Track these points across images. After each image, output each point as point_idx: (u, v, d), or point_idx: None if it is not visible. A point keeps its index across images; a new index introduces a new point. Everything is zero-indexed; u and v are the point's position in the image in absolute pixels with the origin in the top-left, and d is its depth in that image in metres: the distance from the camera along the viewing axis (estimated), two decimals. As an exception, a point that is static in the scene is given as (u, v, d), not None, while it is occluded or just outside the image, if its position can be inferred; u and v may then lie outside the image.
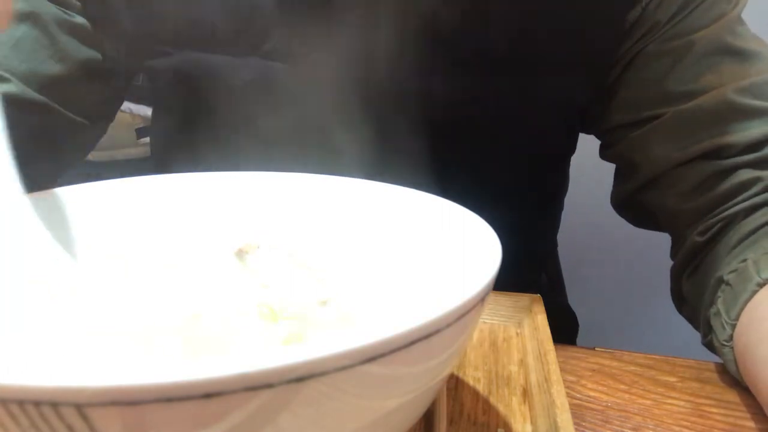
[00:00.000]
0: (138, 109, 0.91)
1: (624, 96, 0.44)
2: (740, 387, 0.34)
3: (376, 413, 0.17)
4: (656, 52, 0.42)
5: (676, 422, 0.31)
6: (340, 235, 0.34)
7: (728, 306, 0.35)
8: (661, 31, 0.41)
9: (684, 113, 0.41)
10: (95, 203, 0.33)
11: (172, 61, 0.46)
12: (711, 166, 0.40)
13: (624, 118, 0.44)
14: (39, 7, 0.45)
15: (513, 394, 0.32)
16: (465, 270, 0.25)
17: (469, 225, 0.27)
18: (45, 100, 0.45)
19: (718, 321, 0.36)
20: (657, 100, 0.42)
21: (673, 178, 0.42)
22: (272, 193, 0.35)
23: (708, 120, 0.40)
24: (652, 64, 0.42)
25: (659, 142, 0.42)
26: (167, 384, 0.12)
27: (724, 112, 0.40)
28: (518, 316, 0.39)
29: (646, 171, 0.44)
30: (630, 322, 1.22)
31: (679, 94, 0.41)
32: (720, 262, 0.38)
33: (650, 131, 0.42)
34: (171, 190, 0.34)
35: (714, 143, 0.40)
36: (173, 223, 0.34)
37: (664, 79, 0.42)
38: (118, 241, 0.32)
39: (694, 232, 0.41)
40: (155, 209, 0.34)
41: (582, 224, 0.99)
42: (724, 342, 0.35)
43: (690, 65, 0.41)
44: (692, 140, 0.40)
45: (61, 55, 0.45)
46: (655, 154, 0.42)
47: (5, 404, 0.12)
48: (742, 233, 0.38)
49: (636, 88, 0.43)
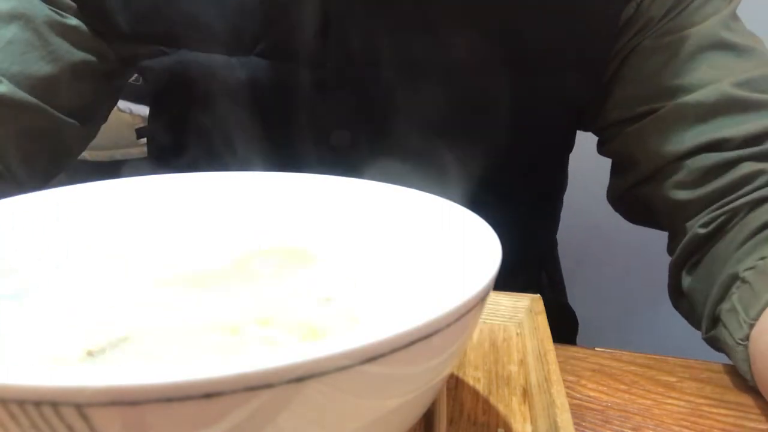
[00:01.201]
0: (138, 109, 0.91)
1: (620, 92, 0.44)
2: (740, 387, 0.34)
3: (376, 413, 0.17)
4: (651, 47, 0.42)
5: (676, 422, 0.31)
6: (340, 234, 0.34)
7: (747, 304, 0.34)
8: (655, 27, 0.42)
9: (682, 107, 0.41)
10: (95, 203, 0.33)
11: (167, 60, 0.46)
12: (712, 159, 0.40)
13: (620, 114, 0.45)
14: (31, 8, 0.45)
15: (513, 394, 0.32)
16: (465, 270, 0.25)
17: (469, 225, 0.27)
18: (35, 101, 0.45)
19: (734, 319, 0.35)
20: (653, 94, 0.42)
21: (673, 170, 0.42)
22: (272, 193, 0.35)
23: (707, 113, 0.40)
24: (647, 59, 0.42)
25: (657, 135, 0.42)
26: (167, 384, 0.12)
27: (723, 106, 0.40)
28: (518, 316, 0.39)
29: (645, 165, 0.44)
30: (630, 322, 1.22)
31: (675, 88, 0.41)
32: (729, 257, 0.38)
33: (647, 125, 0.43)
34: (171, 190, 0.34)
35: (714, 136, 0.40)
36: (173, 223, 0.34)
37: (660, 74, 0.42)
38: (118, 241, 0.32)
39: (696, 225, 0.41)
40: (155, 209, 0.34)
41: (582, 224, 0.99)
42: (739, 340, 0.34)
43: (685, 60, 0.41)
44: (692, 133, 0.40)
45: (53, 56, 0.46)
46: (654, 148, 0.42)
47: (5, 404, 0.12)
48: (751, 227, 0.37)
49: (632, 84, 0.43)
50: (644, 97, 0.43)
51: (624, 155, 0.46)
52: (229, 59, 0.44)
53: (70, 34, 0.47)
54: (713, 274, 0.39)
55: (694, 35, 0.41)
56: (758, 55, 0.41)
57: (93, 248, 0.32)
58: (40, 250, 0.29)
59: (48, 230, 0.30)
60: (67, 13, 0.47)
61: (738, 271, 0.36)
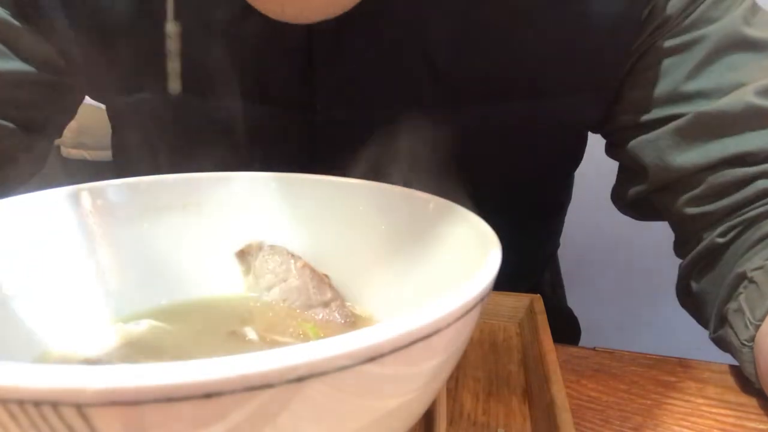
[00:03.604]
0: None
1: (634, 94, 0.42)
2: (740, 387, 0.34)
3: (376, 413, 0.17)
4: (668, 47, 0.40)
5: (676, 422, 0.31)
6: (340, 235, 0.34)
7: (753, 305, 0.34)
8: (672, 25, 0.39)
9: (704, 117, 0.39)
10: (95, 203, 0.32)
11: (129, 100, 0.45)
12: (735, 172, 0.38)
13: (634, 118, 0.42)
14: None
15: (513, 394, 0.32)
16: (465, 270, 0.25)
17: (469, 225, 0.27)
18: None
19: (740, 319, 0.35)
20: (669, 99, 0.40)
21: (690, 183, 0.40)
22: (272, 193, 0.35)
23: (729, 124, 0.38)
24: (663, 60, 0.40)
25: (676, 146, 0.40)
26: (167, 384, 0.12)
27: (746, 117, 0.38)
28: (518, 316, 0.39)
29: (661, 175, 0.42)
30: (630, 322, 1.23)
31: (693, 93, 0.39)
32: (739, 258, 0.37)
33: (666, 134, 0.41)
34: (171, 190, 0.34)
35: (738, 150, 0.38)
36: (174, 224, 0.34)
37: (676, 78, 0.40)
38: (118, 241, 0.32)
39: (714, 234, 0.40)
40: (155, 209, 0.34)
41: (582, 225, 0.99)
42: (744, 342, 0.34)
43: (705, 61, 0.39)
44: (714, 146, 0.39)
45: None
46: (672, 159, 0.40)
47: (5, 404, 0.12)
48: (763, 231, 0.37)
49: (646, 86, 0.41)
50: (661, 101, 0.41)
51: (637, 162, 0.44)
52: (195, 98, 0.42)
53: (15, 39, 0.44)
54: (722, 274, 0.38)
55: (713, 33, 0.38)
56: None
57: (92, 248, 0.32)
58: (38, 250, 0.29)
59: (48, 230, 0.30)
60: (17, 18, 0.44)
61: (746, 270, 0.36)
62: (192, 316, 0.31)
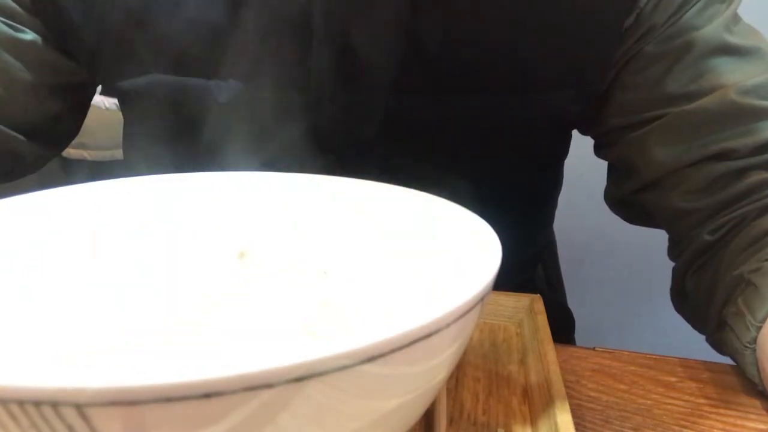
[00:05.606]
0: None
1: (620, 98, 0.43)
2: (740, 387, 0.34)
3: (376, 413, 0.17)
4: (653, 53, 0.41)
5: (676, 422, 0.31)
6: (340, 235, 0.34)
7: (753, 307, 0.34)
8: (657, 33, 0.41)
9: (686, 115, 0.40)
10: (95, 203, 0.33)
11: (140, 82, 0.45)
12: (720, 168, 0.39)
13: (622, 120, 0.44)
14: None
15: (513, 394, 0.32)
16: (465, 270, 0.25)
17: (469, 225, 0.27)
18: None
19: (741, 322, 0.35)
20: (655, 101, 0.42)
21: (679, 179, 0.41)
22: (272, 193, 0.35)
23: (713, 121, 0.39)
24: (649, 66, 0.42)
25: (661, 143, 0.41)
26: (167, 384, 0.12)
27: (729, 114, 0.39)
28: (518, 316, 0.39)
29: (648, 173, 0.43)
30: (630, 322, 1.23)
31: (678, 95, 0.41)
32: (735, 259, 0.38)
33: (650, 132, 0.42)
34: (171, 191, 0.34)
35: (722, 146, 0.39)
36: (174, 224, 0.34)
37: (662, 81, 0.41)
38: (118, 241, 0.32)
39: (704, 232, 0.40)
40: (156, 209, 0.34)
41: (582, 224, 0.99)
42: (747, 344, 0.34)
43: (689, 66, 0.40)
44: (698, 142, 0.40)
45: (5, 76, 0.45)
46: (657, 156, 0.42)
47: (5, 404, 0.12)
48: (756, 231, 0.37)
49: (633, 90, 0.43)
50: (647, 104, 0.42)
51: (624, 161, 0.45)
52: (207, 82, 0.43)
53: (25, 52, 0.45)
54: (717, 276, 0.39)
55: (697, 40, 0.40)
56: (763, 55, 0.40)
57: (94, 248, 0.32)
58: (38, 250, 0.29)
59: (48, 230, 0.30)
60: (24, 27, 0.45)
61: (743, 272, 0.36)
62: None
